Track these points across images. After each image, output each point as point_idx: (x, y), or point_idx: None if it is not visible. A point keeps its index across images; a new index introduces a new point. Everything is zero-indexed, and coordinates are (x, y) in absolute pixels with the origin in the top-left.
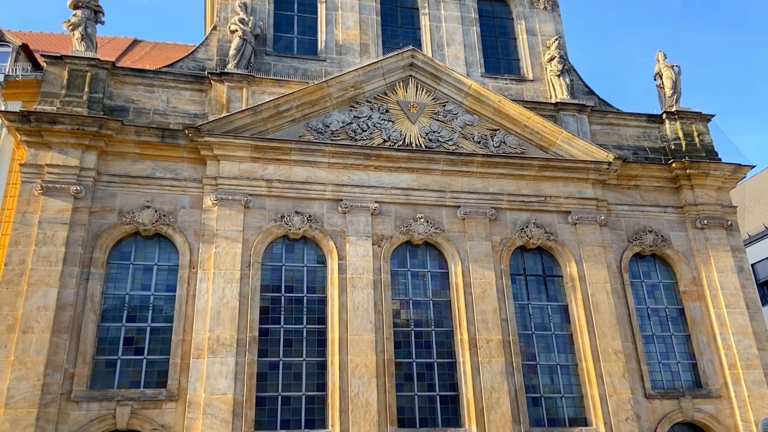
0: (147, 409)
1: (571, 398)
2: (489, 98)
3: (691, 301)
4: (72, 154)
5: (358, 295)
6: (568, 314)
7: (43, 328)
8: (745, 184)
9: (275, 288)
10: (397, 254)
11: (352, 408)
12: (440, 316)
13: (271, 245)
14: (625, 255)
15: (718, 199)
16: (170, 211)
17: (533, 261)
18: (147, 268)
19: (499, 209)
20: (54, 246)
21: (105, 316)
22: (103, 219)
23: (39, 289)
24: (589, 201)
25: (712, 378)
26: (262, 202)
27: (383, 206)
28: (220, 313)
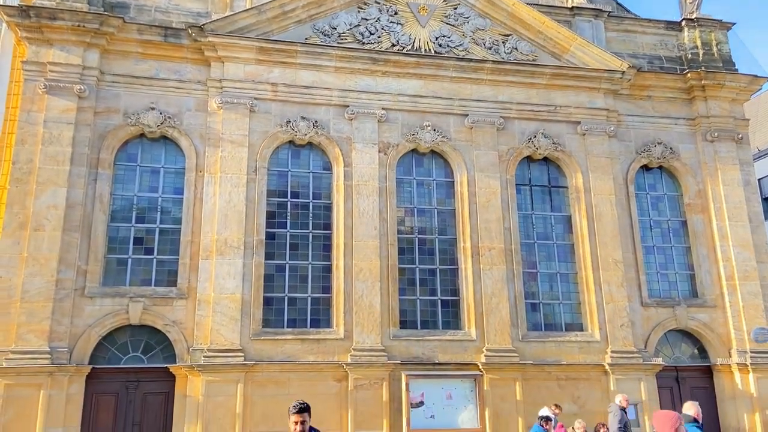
0: (158, 306)
1: (569, 305)
2: (503, 1)
3: (695, 214)
4: (74, 52)
5: (363, 202)
6: (571, 224)
7: (54, 226)
8: (759, 98)
9: (281, 193)
10: (403, 162)
11: (356, 309)
12: (444, 225)
13: (277, 150)
14: (632, 167)
15: (731, 111)
16: (175, 113)
17: (539, 171)
18: (154, 170)
19: (508, 118)
20: (60, 146)
21: (114, 216)
22: (108, 120)
23: (48, 188)
24: (599, 111)
25: (709, 288)
26: (267, 107)
27: (390, 113)
28: (227, 216)
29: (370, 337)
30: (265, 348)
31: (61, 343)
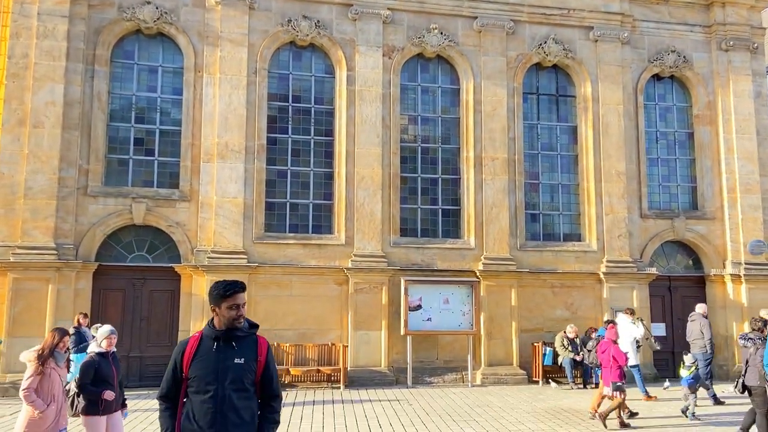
0: (161, 208)
1: (569, 216)
2: None
3: (702, 125)
4: None
5: (366, 109)
6: (576, 135)
7: (53, 123)
8: None
9: (282, 97)
10: (408, 67)
11: (357, 216)
12: (448, 133)
13: (277, 52)
14: (643, 76)
15: (749, 18)
16: (172, 8)
17: (548, 80)
18: (152, 69)
19: (518, 22)
20: (56, 40)
21: (113, 116)
22: (103, 14)
23: (45, 84)
24: (614, 16)
25: (709, 201)
26: (267, 3)
27: (395, 14)
28: (227, 119)
29: (371, 243)
30: (268, 251)
31: (67, 240)
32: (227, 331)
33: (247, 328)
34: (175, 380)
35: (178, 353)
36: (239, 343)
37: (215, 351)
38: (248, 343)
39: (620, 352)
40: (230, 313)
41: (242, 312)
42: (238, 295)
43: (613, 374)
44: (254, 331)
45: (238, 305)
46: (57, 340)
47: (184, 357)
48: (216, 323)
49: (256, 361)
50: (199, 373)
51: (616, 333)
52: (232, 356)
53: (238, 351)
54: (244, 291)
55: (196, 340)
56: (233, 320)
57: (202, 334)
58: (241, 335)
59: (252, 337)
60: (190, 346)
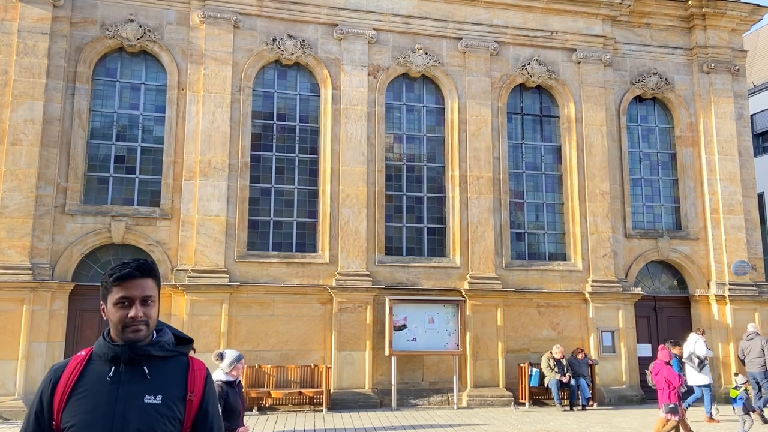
0: (141, 226)
1: (554, 235)
2: None
3: (685, 147)
4: None
5: (352, 127)
6: (561, 155)
7: (32, 141)
8: (758, 32)
9: (267, 115)
10: (393, 87)
11: (342, 235)
12: (433, 152)
13: (262, 70)
14: (626, 97)
15: (730, 42)
16: (155, 26)
17: (532, 100)
18: (134, 86)
19: (502, 43)
20: (36, 57)
21: (94, 133)
22: (85, 31)
23: (24, 101)
24: (596, 38)
25: (693, 221)
26: (252, 23)
27: (381, 34)
28: (211, 137)
29: (356, 262)
30: (251, 270)
31: (43, 259)
32: (131, 348)
33: (172, 344)
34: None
35: (47, 386)
36: (155, 370)
37: (110, 382)
38: (171, 370)
39: (674, 373)
40: (119, 314)
41: (141, 313)
42: (134, 282)
43: (667, 396)
44: (185, 350)
45: (132, 299)
46: None
47: (55, 393)
48: (113, 334)
49: (183, 401)
50: (79, 421)
51: (669, 354)
52: (139, 392)
53: (151, 383)
54: (150, 276)
55: (80, 363)
56: (125, 328)
57: (91, 352)
58: (159, 356)
59: (180, 360)
60: (67, 375)
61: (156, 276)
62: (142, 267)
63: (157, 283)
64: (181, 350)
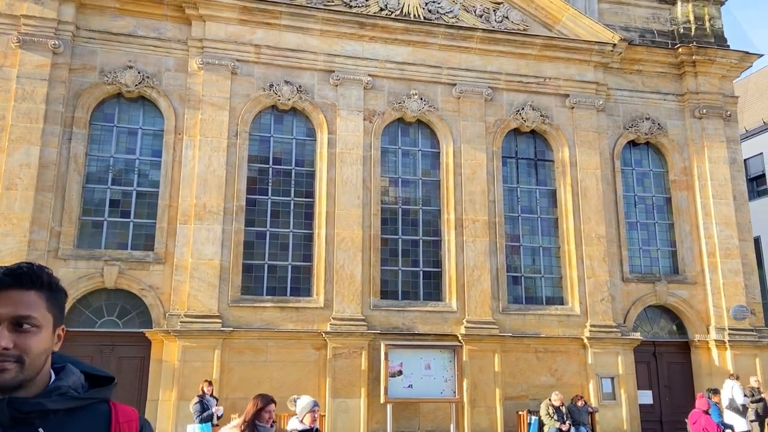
0: (134, 270)
1: (551, 279)
2: None
3: (679, 191)
4: (49, 5)
5: (347, 171)
6: (556, 199)
7: (27, 185)
8: (749, 78)
9: (263, 159)
10: (389, 131)
11: (337, 279)
12: (428, 196)
13: (259, 115)
14: (619, 142)
15: (721, 88)
16: (154, 73)
17: (526, 144)
18: (131, 131)
19: (496, 89)
20: (34, 103)
21: (90, 177)
22: (84, 77)
23: (21, 146)
24: (589, 84)
25: (690, 265)
26: (250, 69)
27: (376, 80)
28: (206, 180)
29: (351, 306)
30: (244, 315)
31: None
32: (11, 404)
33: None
34: None
35: None
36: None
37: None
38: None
39: (712, 423)
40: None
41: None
42: (4, 294)
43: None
44: (102, 394)
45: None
46: (260, 406)
47: None
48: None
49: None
50: None
51: (708, 403)
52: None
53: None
54: (34, 288)
55: None
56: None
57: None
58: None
59: (97, 410)
60: None
61: (49, 288)
62: (20, 273)
63: (53, 301)
64: (96, 396)
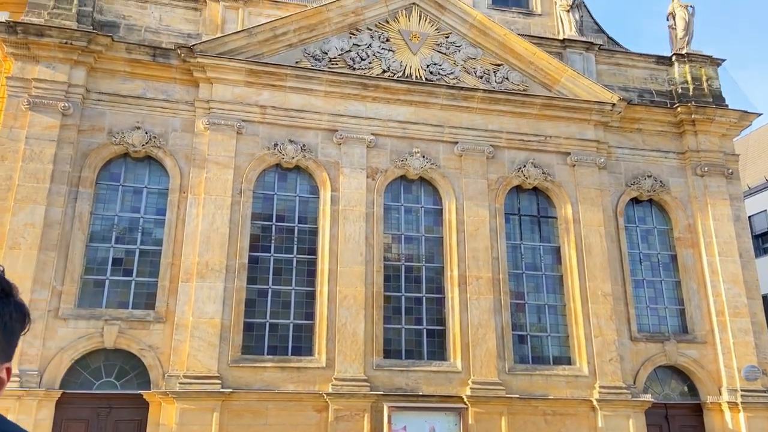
0: (135, 330)
1: (557, 338)
2: (494, 31)
3: (684, 248)
4: (60, 69)
5: (350, 228)
6: (560, 256)
7: (30, 244)
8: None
9: (266, 217)
10: (392, 188)
11: (339, 337)
12: (431, 252)
13: (263, 173)
14: (622, 199)
15: (721, 146)
16: (161, 133)
17: (528, 201)
18: (137, 190)
19: (498, 147)
20: (41, 163)
21: (93, 236)
22: (92, 138)
23: (26, 205)
24: (589, 143)
25: (699, 324)
26: (255, 129)
27: (379, 139)
28: (209, 238)
29: (353, 366)
30: (244, 375)
31: (32, 366)
32: None
33: None
34: None
35: None
36: None
37: None
38: None
39: None
40: None
41: None
42: None
43: None
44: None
45: None
46: None
47: None
48: None
49: None
50: None
51: None
52: None
53: None
54: None
55: None
56: None
57: None
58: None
59: None
60: None
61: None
62: None
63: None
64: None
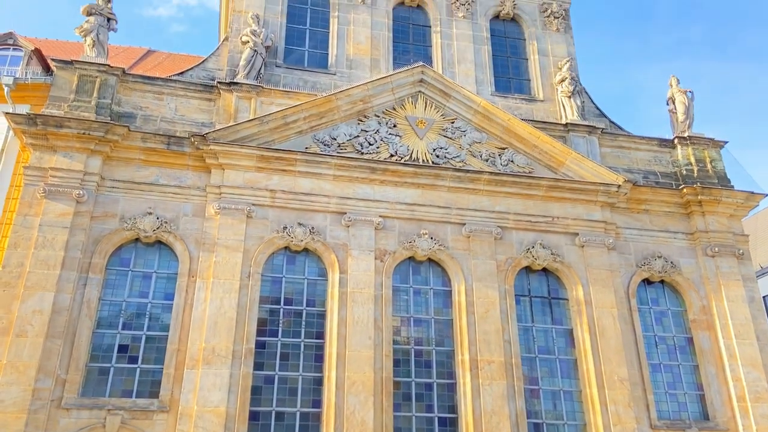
0: (137, 420)
1: (574, 426)
2: (498, 116)
3: (700, 331)
4: (77, 159)
5: (358, 310)
6: (573, 338)
7: (38, 332)
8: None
9: (274, 300)
10: (400, 270)
11: (347, 426)
12: (441, 335)
13: (272, 256)
14: (633, 280)
15: (730, 227)
16: (172, 218)
17: (538, 282)
18: (146, 275)
19: (505, 228)
20: (53, 250)
21: (101, 322)
22: (105, 224)
23: (35, 292)
24: (597, 223)
25: (720, 410)
26: (265, 213)
27: (387, 221)
28: (217, 323)
29: None
30: None
31: None
32: None
33: None
34: None
35: None
36: None
37: None
38: None
39: None
40: None
41: None
42: None
43: None
44: None
45: None
46: None
47: None
48: None
49: None
50: None
51: None
52: None
53: None
54: None
55: None
56: None
57: None
58: None
59: None
60: None
61: None
62: None
63: None
64: None
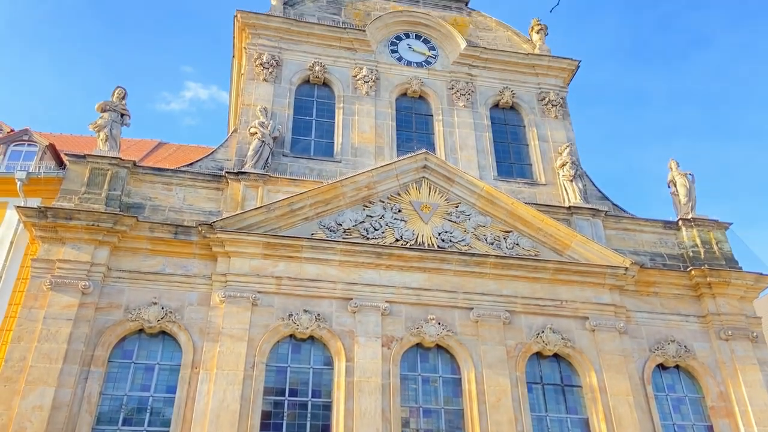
0: None
1: None
2: (502, 200)
3: (720, 418)
4: (84, 250)
5: (366, 401)
6: (589, 428)
7: (36, 429)
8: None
9: (279, 391)
10: (408, 357)
11: None
12: (452, 426)
13: (277, 345)
14: (648, 365)
15: (742, 309)
16: (177, 307)
17: (550, 369)
18: (148, 367)
19: (514, 312)
20: (56, 343)
21: (101, 418)
22: (109, 315)
23: (36, 387)
24: (606, 307)
25: None
26: (270, 300)
27: (394, 306)
28: (219, 417)
29: None
30: None
31: None
32: None
33: None
34: None
35: None
36: None
37: None
38: None
39: None
40: None
41: None
42: None
43: None
44: None
45: None
46: None
47: None
48: None
49: None
50: None
51: None
52: None
53: None
54: None
55: None
56: None
57: None
58: None
59: None
60: None
61: None
62: None
63: None
64: None
